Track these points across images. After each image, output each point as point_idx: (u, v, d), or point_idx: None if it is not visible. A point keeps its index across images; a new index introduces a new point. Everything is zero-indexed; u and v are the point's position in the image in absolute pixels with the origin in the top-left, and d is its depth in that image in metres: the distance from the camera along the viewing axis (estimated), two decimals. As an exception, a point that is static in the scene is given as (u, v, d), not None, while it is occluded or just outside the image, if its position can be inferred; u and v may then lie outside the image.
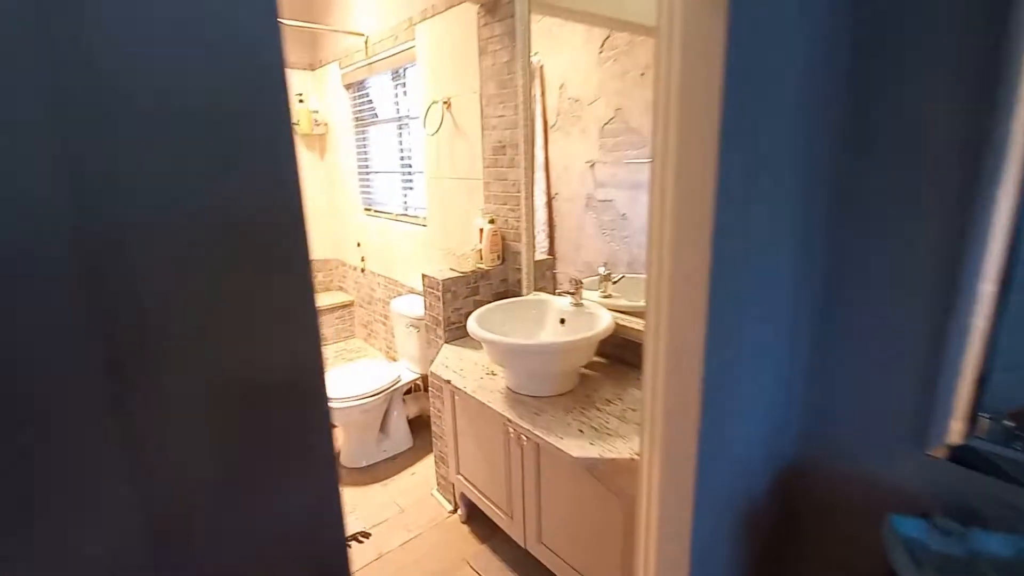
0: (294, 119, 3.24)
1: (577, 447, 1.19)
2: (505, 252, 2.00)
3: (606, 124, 1.59)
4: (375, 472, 2.39)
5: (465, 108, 2.04)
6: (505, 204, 1.96)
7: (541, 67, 1.73)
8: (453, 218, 2.27)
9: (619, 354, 1.63)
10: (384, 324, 3.13)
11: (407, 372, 2.54)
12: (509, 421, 1.36)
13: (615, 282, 1.63)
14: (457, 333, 1.90)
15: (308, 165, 3.40)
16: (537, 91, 1.75)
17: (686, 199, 0.80)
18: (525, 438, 1.42)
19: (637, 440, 1.19)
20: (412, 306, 2.46)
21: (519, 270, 1.94)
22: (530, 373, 1.46)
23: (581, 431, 1.26)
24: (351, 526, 2.02)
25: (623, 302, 1.61)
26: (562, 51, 1.68)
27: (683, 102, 0.78)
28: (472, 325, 1.48)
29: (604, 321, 1.46)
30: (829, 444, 1.09)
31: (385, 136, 2.91)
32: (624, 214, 1.59)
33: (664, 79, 0.80)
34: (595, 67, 1.58)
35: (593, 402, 1.40)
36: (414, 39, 2.25)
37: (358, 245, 3.21)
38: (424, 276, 1.92)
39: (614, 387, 1.49)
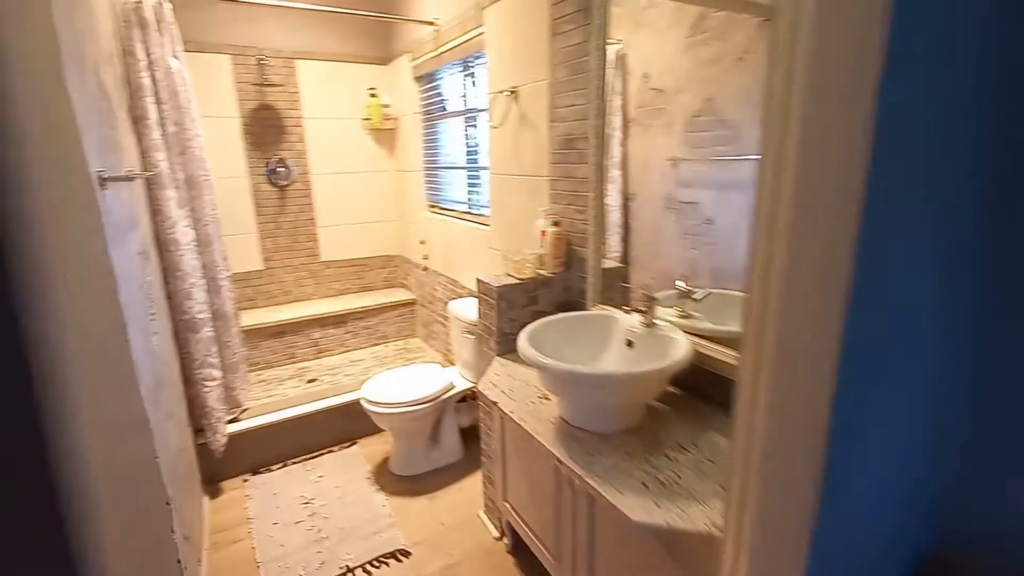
0: (365, 114, 3.23)
1: (639, 507, 0.97)
2: (570, 258, 1.79)
3: (694, 117, 1.34)
4: (422, 483, 2.27)
5: (533, 98, 1.85)
6: (572, 205, 1.75)
7: (624, 56, 1.51)
8: (516, 218, 2.09)
9: (698, 385, 1.37)
10: (443, 325, 3.02)
11: (461, 379, 2.40)
12: (560, 462, 1.16)
13: (697, 300, 1.38)
14: (511, 346, 1.72)
15: (377, 160, 3.37)
16: (617, 82, 1.53)
17: (814, 202, 0.57)
18: (577, 481, 1.22)
19: (718, 506, 0.95)
20: (469, 310, 2.32)
21: (584, 279, 1.73)
22: (587, 404, 1.25)
23: (645, 484, 1.03)
24: (393, 540, 1.92)
25: (706, 325, 1.35)
26: (646, 37, 1.44)
27: (814, 76, 0.55)
28: (523, 343, 1.29)
29: (680, 349, 1.21)
30: (995, 529, 0.79)
31: (453, 130, 2.80)
32: (710, 218, 1.33)
33: (785, 49, 0.57)
34: (683, 53, 1.34)
35: (662, 446, 1.17)
36: (483, 24, 2.09)
37: (422, 243, 3.13)
38: (479, 281, 1.76)
39: (689, 428, 1.24)
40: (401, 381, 2.30)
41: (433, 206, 3.09)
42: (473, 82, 2.50)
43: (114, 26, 1.75)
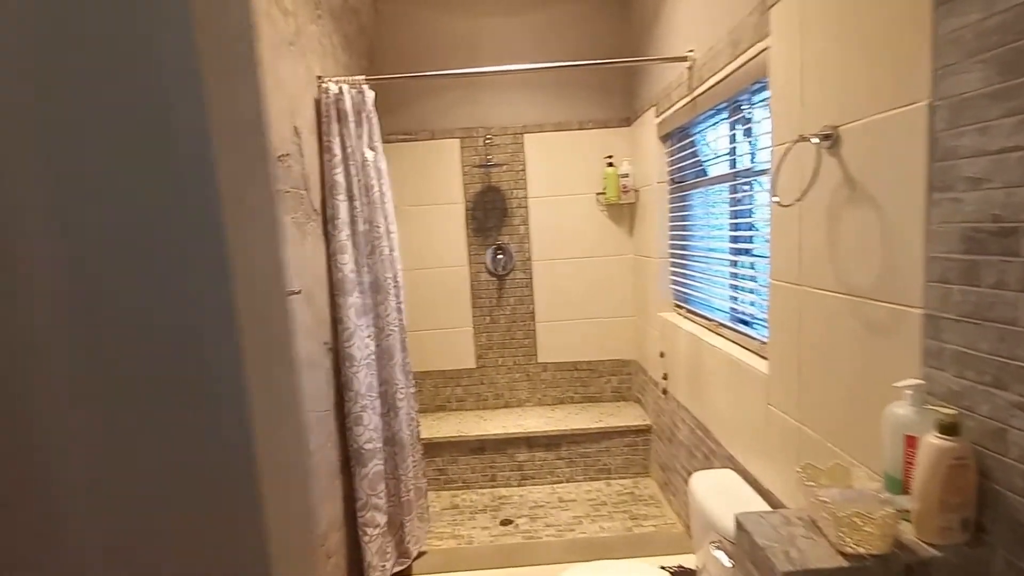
0: (599, 187, 2.63)
1: None
2: (988, 511, 0.73)
3: None
4: None
5: (878, 145, 0.90)
6: (998, 386, 0.70)
7: None
8: (828, 372, 1.09)
9: None
10: (685, 479, 2.06)
11: (705, 616, 1.42)
12: None
13: None
14: None
15: (612, 243, 2.71)
16: None
17: None
18: None
19: None
20: (723, 501, 1.35)
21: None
22: None
23: None
24: None
25: None
26: None
27: None
28: None
29: None
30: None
31: (713, 203, 1.93)
32: None
33: None
34: None
35: None
36: (767, 34, 1.24)
37: (661, 356, 2.28)
38: (740, 529, 0.84)
39: None
40: (603, 597, 1.47)
41: (680, 306, 2.23)
42: (748, 129, 1.63)
43: (301, 122, 1.56)
